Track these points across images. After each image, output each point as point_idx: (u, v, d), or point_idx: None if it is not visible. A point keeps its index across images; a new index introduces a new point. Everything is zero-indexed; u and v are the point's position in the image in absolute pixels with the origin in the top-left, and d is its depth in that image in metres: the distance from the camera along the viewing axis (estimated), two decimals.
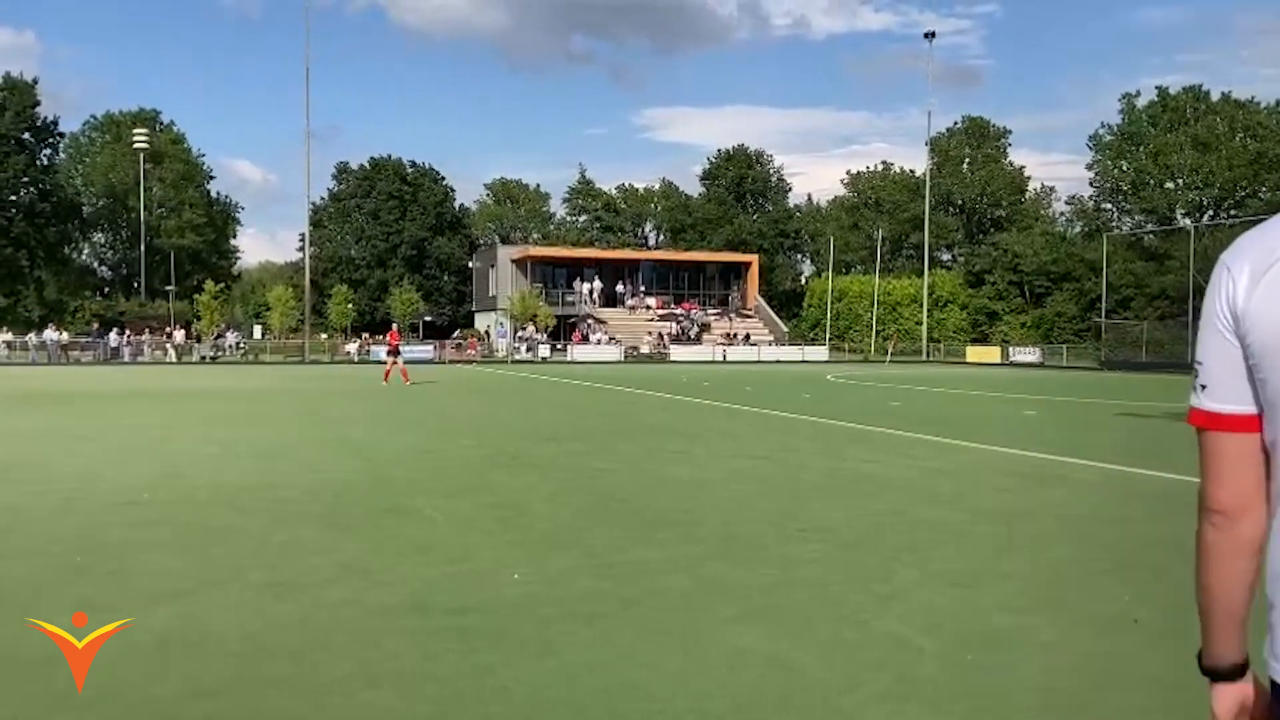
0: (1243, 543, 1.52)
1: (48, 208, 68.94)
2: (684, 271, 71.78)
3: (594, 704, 4.00)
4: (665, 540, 7.08)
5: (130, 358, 51.86)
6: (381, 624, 5.04)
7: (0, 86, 66.94)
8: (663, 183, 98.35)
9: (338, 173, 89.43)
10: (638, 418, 17.98)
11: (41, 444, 13.00)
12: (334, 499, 8.79)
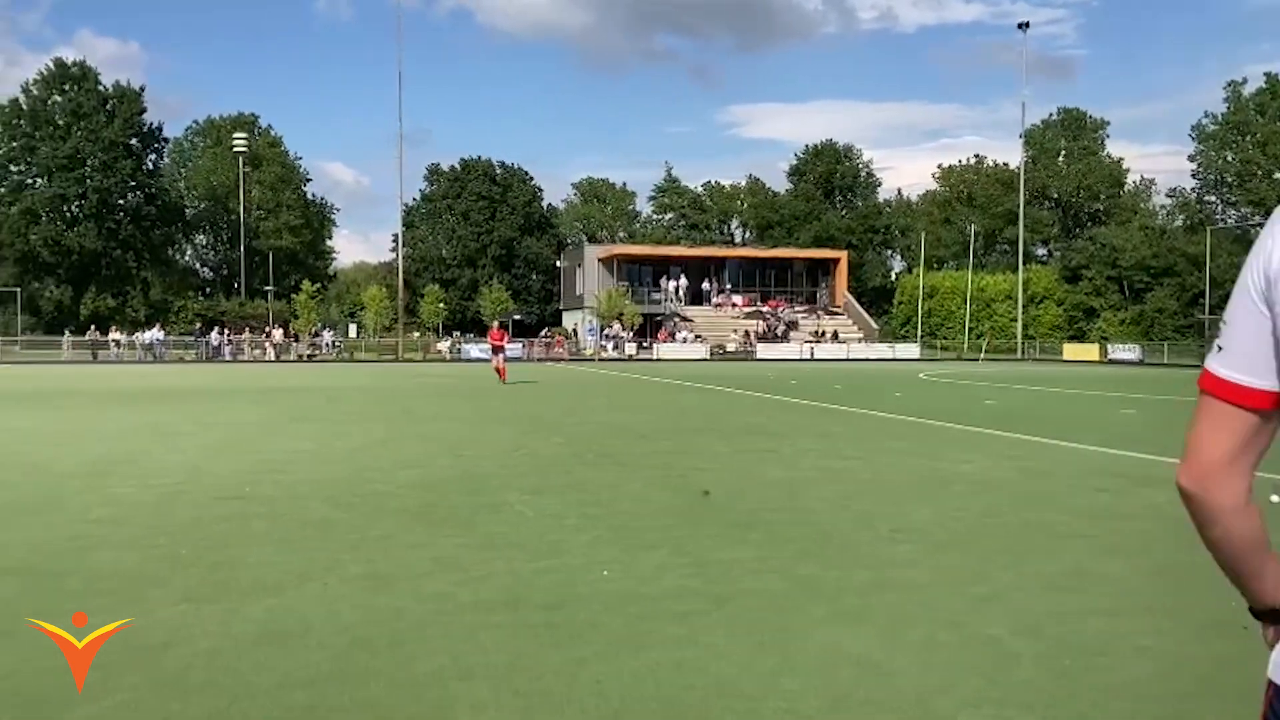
0: (1217, 511, 1.45)
1: (153, 211, 71.43)
2: (771, 268, 71.32)
3: (685, 701, 3.99)
4: (756, 539, 7.04)
5: (231, 356, 53.44)
6: (474, 618, 5.10)
7: (110, 95, 69.56)
8: (749, 179, 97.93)
9: (429, 174, 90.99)
10: (725, 416, 17.92)
11: (147, 440, 13.46)
12: (428, 494, 8.93)
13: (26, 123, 67.77)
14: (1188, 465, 1.46)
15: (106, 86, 69.81)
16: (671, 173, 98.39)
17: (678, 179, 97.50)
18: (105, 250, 68.36)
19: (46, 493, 8.92)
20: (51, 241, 66.43)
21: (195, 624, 4.97)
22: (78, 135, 66.99)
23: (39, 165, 67.51)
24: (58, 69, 69.28)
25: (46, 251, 66.44)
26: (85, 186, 67.18)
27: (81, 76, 69.19)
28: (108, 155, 67.42)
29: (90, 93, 68.65)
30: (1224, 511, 1.45)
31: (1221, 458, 1.43)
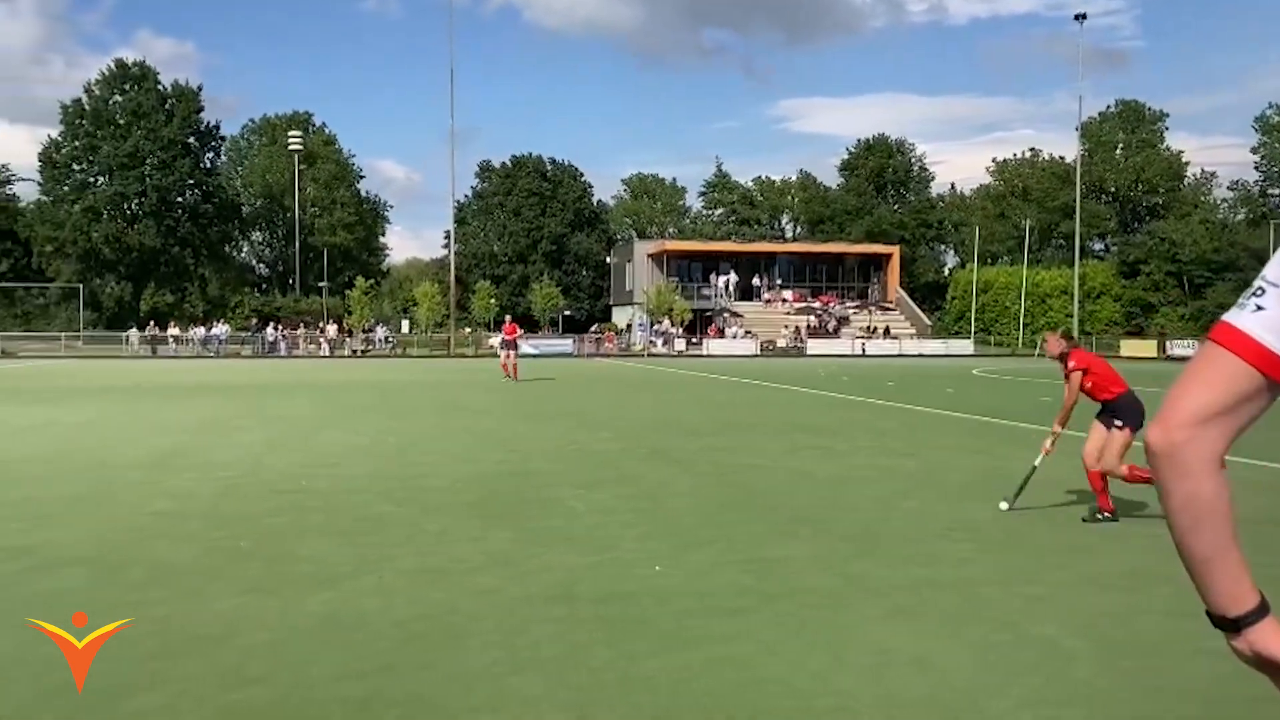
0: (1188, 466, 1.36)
1: (210, 208, 72.55)
2: (822, 264, 70.87)
3: (737, 697, 3.98)
4: (807, 536, 7.01)
5: (286, 351, 54.26)
6: (527, 612, 5.13)
7: (169, 94, 70.76)
8: (800, 174, 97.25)
9: (480, 171, 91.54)
10: (776, 412, 17.84)
11: (206, 434, 13.69)
12: (481, 489, 8.99)
13: (89, 122, 69.17)
14: (1164, 419, 1.36)
15: (165, 86, 71.03)
16: (721, 168, 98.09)
17: (728, 174, 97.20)
18: (164, 247, 69.58)
19: (109, 486, 9.11)
20: (113, 239, 67.77)
21: (254, 616, 5.05)
22: (137, 134, 68.26)
23: (100, 164, 68.89)
24: (118, 69, 70.62)
25: (108, 249, 67.78)
26: (145, 185, 68.43)
27: (141, 76, 70.47)
28: (166, 154, 68.63)
29: (150, 92, 69.90)
30: (1196, 466, 1.35)
31: (1208, 413, 1.34)
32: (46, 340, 56.05)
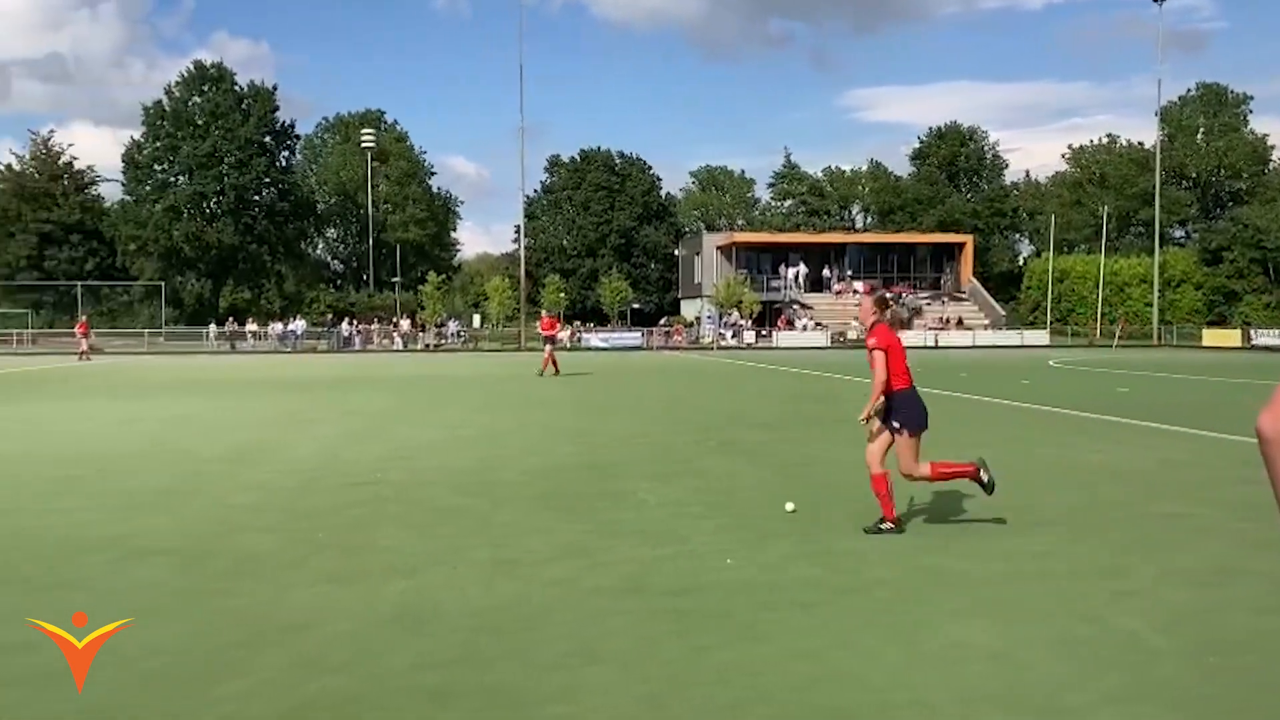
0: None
1: (286, 206, 73.95)
2: (893, 254, 69.98)
3: (812, 690, 3.96)
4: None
5: (360, 346, 55.14)
6: (600, 604, 5.16)
7: (245, 94, 72.24)
8: (870, 164, 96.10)
9: (549, 165, 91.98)
10: (848, 404, 17.68)
11: (284, 427, 13.98)
12: (551, 482, 9.06)
13: (169, 123, 70.90)
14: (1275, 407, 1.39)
15: (242, 86, 72.50)
16: (790, 159, 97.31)
17: (797, 165, 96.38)
18: (242, 245, 71.10)
19: (194, 478, 9.36)
20: (192, 237, 69.42)
21: (333, 605, 5.15)
22: (216, 134, 69.82)
23: (180, 164, 70.59)
24: (197, 71, 72.28)
25: (188, 247, 69.46)
26: (223, 183, 69.99)
27: (219, 77, 72.04)
28: (244, 153, 70.09)
29: (227, 93, 71.43)
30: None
31: None
32: (130, 336, 57.67)
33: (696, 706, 3.81)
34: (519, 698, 3.90)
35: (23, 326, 58.98)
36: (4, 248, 69.98)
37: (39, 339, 57.77)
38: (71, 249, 70.72)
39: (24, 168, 72.85)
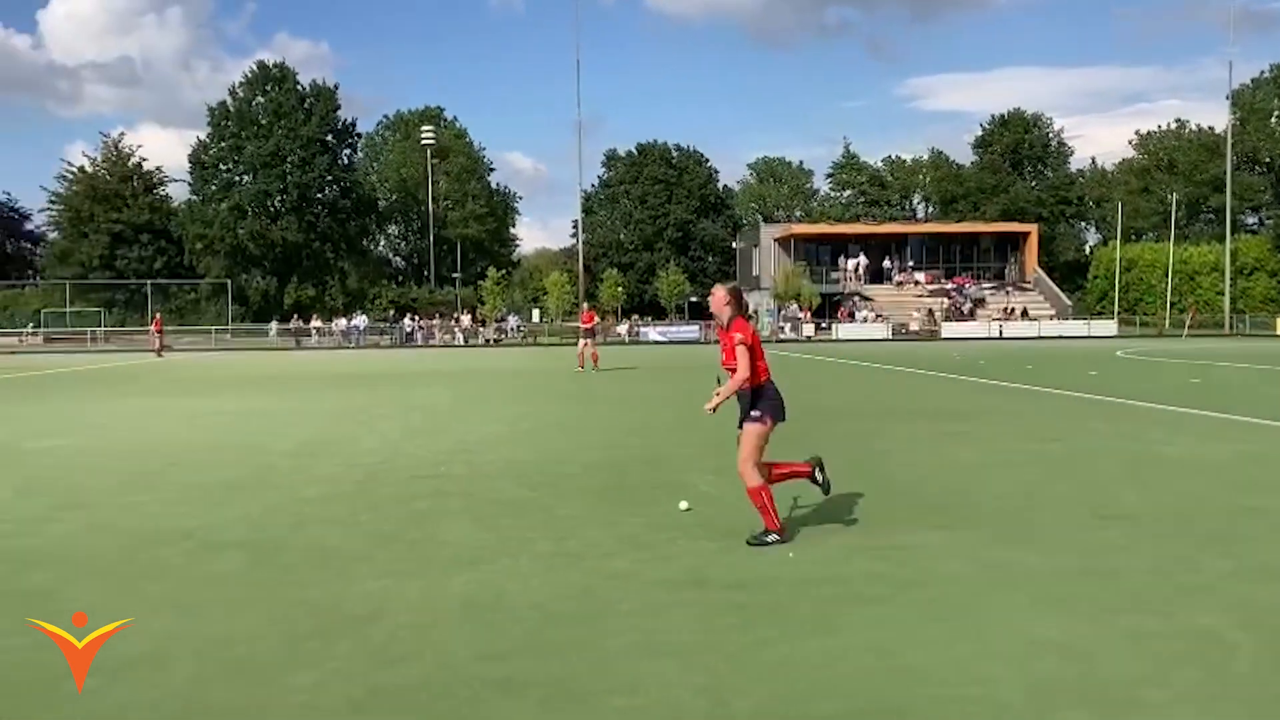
0: None
1: (348, 204, 75.05)
2: (955, 244, 69.09)
3: (877, 685, 3.93)
4: (947, 523, 6.86)
5: (422, 341, 55.79)
6: (662, 596, 5.16)
7: (307, 93, 73.40)
8: (931, 153, 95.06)
9: (606, 160, 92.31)
10: (910, 398, 17.51)
11: (350, 422, 14.18)
12: (612, 474, 9.09)
13: (233, 123, 72.30)
14: None
15: (304, 86, 73.70)
16: (849, 149, 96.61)
17: (856, 155, 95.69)
18: (306, 242, 72.31)
19: (262, 472, 9.53)
20: (257, 235, 70.77)
21: (399, 597, 5.22)
22: (279, 133, 71.04)
23: (245, 163, 71.97)
24: (260, 71, 73.58)
25: (253, 245, 70.82)
26: (286, 182, 71.21)
27: (281, 77, 73.25)
28: (306, 152, 71.24)
29: (289, 92, 72.62)
30: None
31: None
32: (198, 333, 58.92)
33: (760, 700, 3.79)
34: (583, 689, 3.92)
35: (96, 324, 60.53)
36: (78, 247, 71.92)
37: (111, 336, 59.25)
38: (141, 248, 72.49)
39: (96, 170, 74.77)
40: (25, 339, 57.13)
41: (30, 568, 5.92)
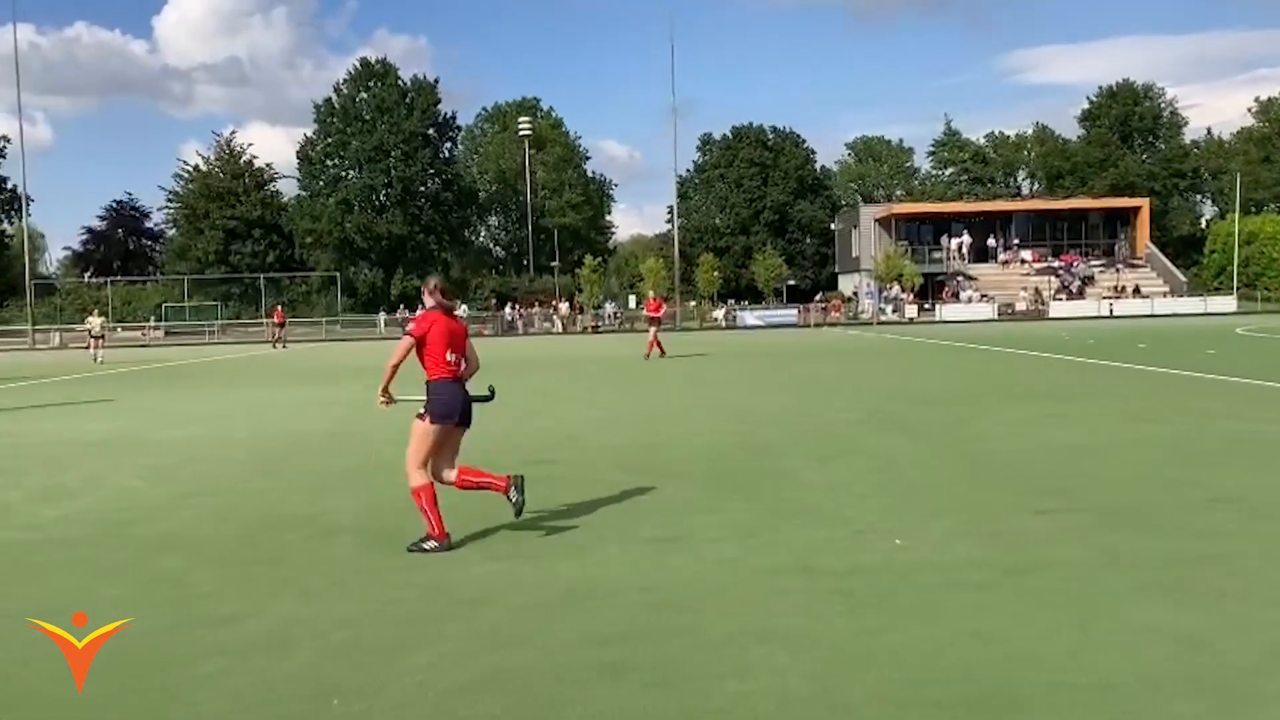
0: None
1: (450, 196, 76.32)
2: (1063, 221, 67.11)
3: (987, 672, 3.91)
4: (1054, 508, 6.74)
5: (522, 329, 56.52)
6: (768, 583, 5.20)
7: (408, 88, 74.78)
8: (1036, 127, 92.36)
9: (701, 144, 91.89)
10: (1016, 379, 17.15)
11: None
12: (714, 461, 9.13)
13: (339, 120, 74.13)
14: None
15: (405, 81, 75.11)
16: (951, 125, 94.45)
17: (958, 132, 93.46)
18: (410, 234, 73.80)
19: (374, 459, 9.82)
20: (364, 228, 72.50)
21: (509, 581, 5.36)
22: (382, 128, 72.58)
23: (350, 158, 73.75)
24: (363, 68, 75.22)
25: (360, 238, 72.59)
26: (390, 176, 72.74)
27: (384, 73, 74.77)
28: (409, 146, 72.64)
29: (391, 88, 74.10)
30: None
31: None
32: (309, 325, 60.67)
33: (869, 687, 3.81)
34: (691, 674, 3.98)
35: (213, 318, 62.78)
36: (195, 244, 74.60)
37: (227, 329, 61.39)
38: (254, 243, 74.83)
39: (210, 168, 77.38)
40: (147, 333, 59.56)
41: (160, 552, 6.23)
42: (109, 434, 12.58)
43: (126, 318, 65.61)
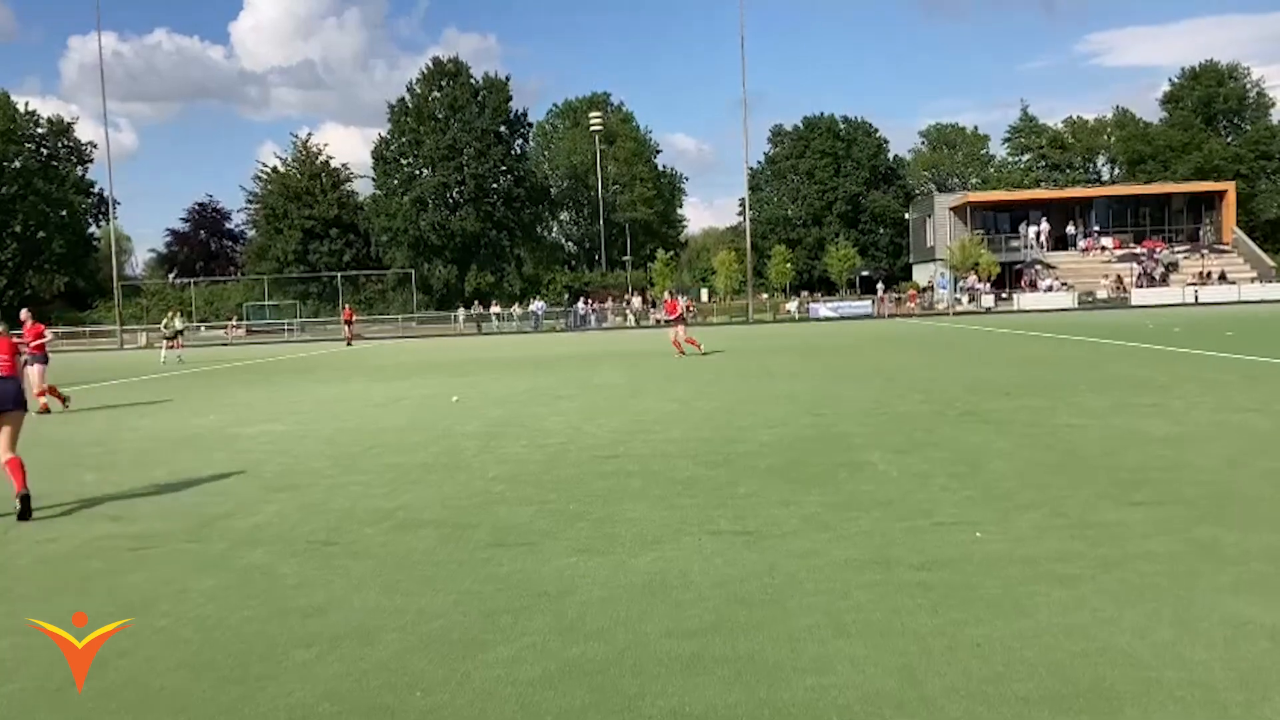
0: None
1: (522, 192, 76.90)
2: (1145, 206, 65.43)
3: (1075, 668, 3.83)
4: (1144, 500, 6.58)
5: (595, 323, 56.75)
6: (847, 576, 5.15)
7: (480, 87, 75.49)
8: (1116, 111, 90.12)
9: (772, 136, 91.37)
10: (1099, 368, 16.76)
11: (532, 403, 14.61)
12: (789, 453, 9.07)
13: (412, 119, 75.13)
14: None
15: (477, 80, 75.85)
16: (1027, 111, 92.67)
17: (1034, 117, 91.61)
18: (483, 231, 74.59)
19: (452, 453, 9.95)
20: (438, 226, 73.44)
21: (587, 574, 5.39)
22: (455, 127, 73.42)
23: (424, 157, 74.72)
24: (435, 67, 76.11)
25: (434, 235, 73.54)
26: (463, 173, 73.55)
27: (456, 72, 75.59)
28: (481, 143, 73.37)
29: (464, 86, 74.89)
30: None
31: None
32: (385, 321, 61.65)
33: (953, 681, 3.76)
34: (772, 668, 3.97)
35: (292, 316, 64.12)
36: (274, 243, 76.21)
37: (306, 327, 62.65)
38: (331, 242, 76.20)
39: (288, 169, 78.96)
40: (230, 331, 61.03)
41: (249, 546, 6.37)
42: (196, 430, 12.91)
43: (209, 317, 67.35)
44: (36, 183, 75.70)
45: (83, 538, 6.80)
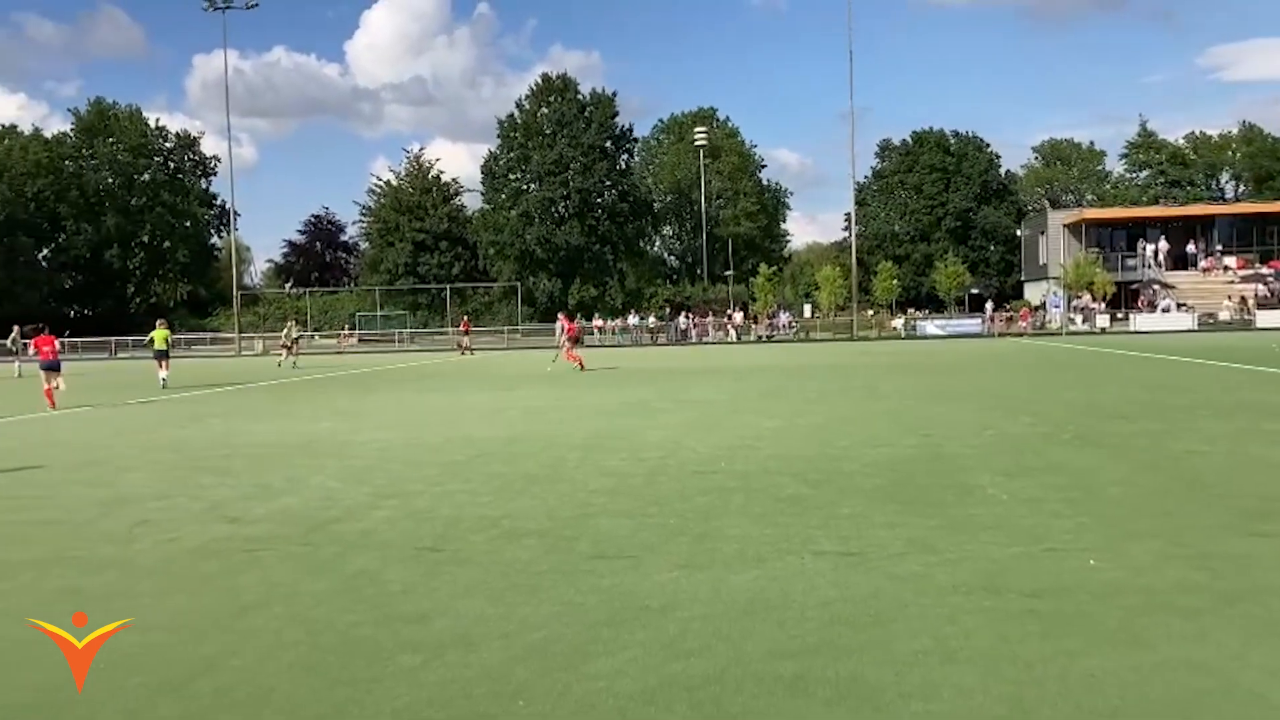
0: None
1: (626, 207, 77.51)
2: (1271, 225, 62.67)
3: (1197, 706, 3.67)
4: (1272, 531, 6.28)
5: (697, 338, 56.73)
6: (954, 601, 5.03)
7: (587, 102, 76.41)
8: (1241, 126, 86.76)
9: (880, 150, 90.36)
10: (1222, 393, 16.08)
11: (633, 416, 14.65)
12: (895, 473, 8.91)
13: (520, 135, 76.44)
14: None
15: (584, 95, 76.80)
16: (1146, 126, 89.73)
17: (1153, 133, 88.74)
18: (587, 245, 75.37)
19: (554, 465, 10.03)
20: (543, 239, 74.46)
21: (688, 590, 5.36)
22: (562, 142, 74.41)
23: (531, 172, 75.91)
24: (544, 83, 77.34)
25: (539, 249, 74.58)
26: (569, 188, 74.49)
27: (563, 88, 76.66)
28: (587, 158, 74.22)
29: (570, 102, 75.90)
30: None
31: None
32: (492, 333, 62.62)
33: (1065, 713, 3.63)
34: (877, 692, 3.89)
35: (403, 326, 65.63)
36: (386, 255, 78.19)
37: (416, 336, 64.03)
38: (440, 255, 77.88)
39: (400, 183, 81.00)
40: (343, 340, 62.73)
41: (356, 551, 6.52)
42: (309, 436, 13.28)
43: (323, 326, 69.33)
44: (164, 195, 79.22)
45: (201, 538, 7.05)
